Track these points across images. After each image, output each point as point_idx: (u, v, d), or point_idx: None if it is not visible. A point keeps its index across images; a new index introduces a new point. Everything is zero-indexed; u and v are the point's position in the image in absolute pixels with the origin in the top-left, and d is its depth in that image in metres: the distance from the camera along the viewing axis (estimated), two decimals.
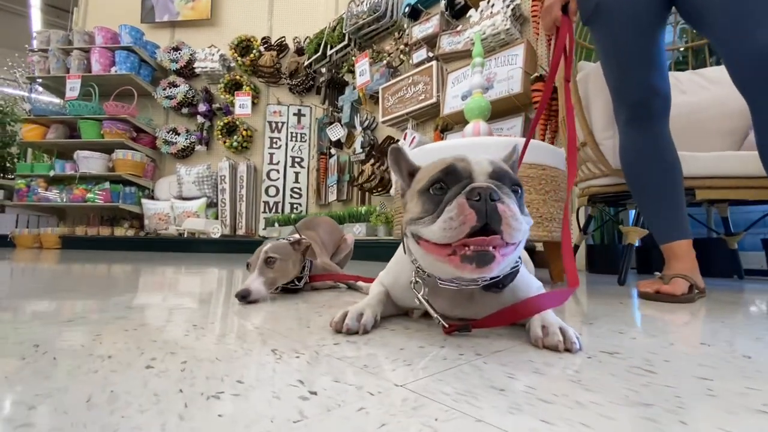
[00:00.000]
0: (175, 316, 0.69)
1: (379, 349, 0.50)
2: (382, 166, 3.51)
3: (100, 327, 0.60)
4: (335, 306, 0.83)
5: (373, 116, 3.87)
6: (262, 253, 0.89)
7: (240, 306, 0.79)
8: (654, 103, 1.18)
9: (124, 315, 0.70)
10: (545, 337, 0.52)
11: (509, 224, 0.49)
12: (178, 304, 0.81)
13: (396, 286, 0.70)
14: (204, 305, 0.80)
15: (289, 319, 0.67)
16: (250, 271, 0.90)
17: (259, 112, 4.74)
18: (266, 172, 4.65)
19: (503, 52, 2.74)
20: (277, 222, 4.19)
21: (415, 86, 3.25)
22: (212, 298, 0.91)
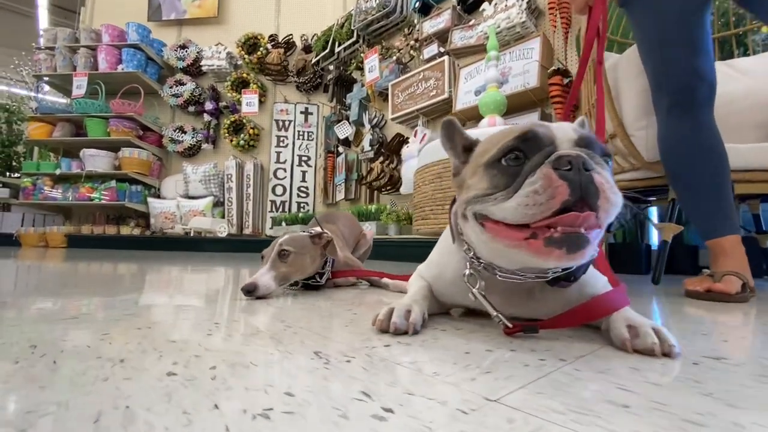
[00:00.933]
0: (190, 314, 0.61)
1: (440, 352, 0.41)
2: (391, 164, 3.43)
3: (108, 325, 0.52)
4: (365, 303, 0.75)
5: (381, 113, 3.79)
6: (277, 245, 0.81)
7: (259, 304, 0.71)
8: (699, 89, 1.09)
9: (133, 313, 0.62)
10: (634, 339, 0.44)
11: (608, 199, 0.40)
12: (191, 302, 0.74)
13: (441, 281, 0.61)
14: (218, 304, 0.72)
15: (321, 317, 0.59)
16: (262, 263, 0.82)
17: (266, 111, 4.67)
18: (273, 170, 4.57)
19: (518, 46, 2.65)
20: (285, 221, 4.11)
21: (426, 82, 3.17)
22: (225, 296, 0.83)
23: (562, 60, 2.52)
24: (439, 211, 1.29)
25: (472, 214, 0.49)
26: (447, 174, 1.26)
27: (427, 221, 1.32)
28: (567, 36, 2.52)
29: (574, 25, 2.53)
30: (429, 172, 1.34)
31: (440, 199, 1.29)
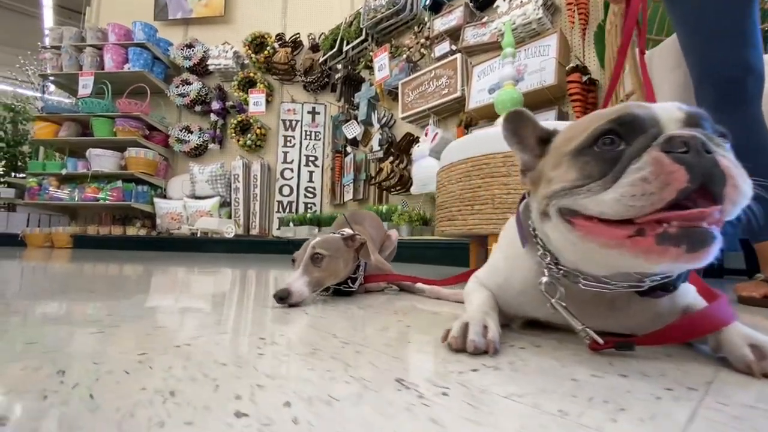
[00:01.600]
0: (226, 326, 0.54)
1: (541, 379, 0.35)
2: (401, 164, 3.37)
3: (140, 341, 0.45)
4: (409, 312, 0.68)
5: (390, 113, 3.72)
6: (309, 248, 0.74)
7: (294, 312, 0.65)
8: (748, 82, 1.02)
9: (162, 324, 0.55)
10: (762, 362, 0.37)
11: (737, 187, 0.34)
12: (220, 309, 0.67)
13: (507, 290, 0.55)
14: (251, 312, 0.66)
15: (375, 330, 0.53)
16: (294, 267, 0.75)
17: (272, 110, 4.61)
18: (280, 171, 4.51)
19: (534, 43, 2.58)
20: (293, 222, 4.05)
21: (437, 80, 3.11)
22: (253, 302, 0.76)
23: (579, 57, 2.45)
24: (467, 211, 1.22)
25: (556, 211, 0.42)
26: (476, 172, 1.20)
27: (454, 222, 1.25)
28: (585, 33, 2.45)
29: (591, 22, 2.46)
30: (456, 170, 1.27)
31: (469, 198, 1.22)
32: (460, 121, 3.00)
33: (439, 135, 3.02)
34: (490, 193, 1.17)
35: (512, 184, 1.13)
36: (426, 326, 0.55)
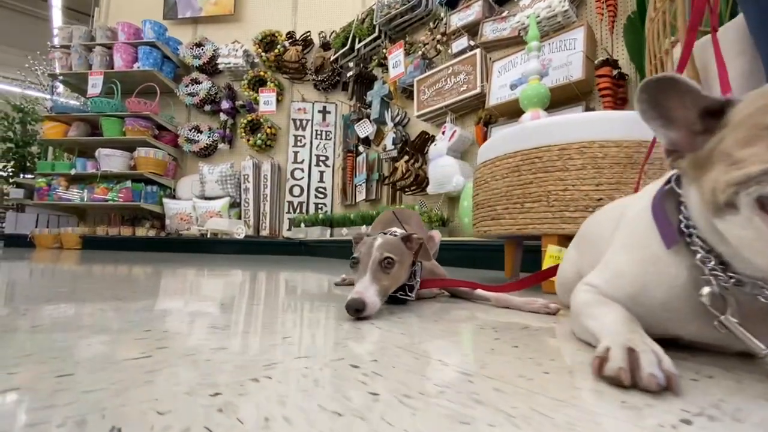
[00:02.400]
0: (299, 347, 0.43)
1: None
2: (416, 163, 3.26)
3: (196, 367, 0.35)
4: (497, 327, 0.57)
5: (404, 111, 3.62)
6: (375, 250, 0.64)
7: (368, 327, 0.54)
8: None
9: (220, 345, 0.44)
10: None
11: None
12: (285, 328, 0.56)
13: (644, 301, 0.43)
14: (323, 329, 0.55)
15: (482, 353, 0.42)
16: (355, 271, 0.64)
17: (283, 110, 4.51)
18: (290, 171, 4.41)
19: (558, 37, 2.47)
20: (304, 222, 3.95)
21: (455, 77, 3.00)
22: (314, 312, 0.66)
23: (608, 51, 2.34)
24: (516, 210, 1.11)
25: (752, 201, 0.31)
26: (527, 167, 1.09)
27: (499, 222, 1.14)
28: (613, 26, 2.34)
29: (620, 14, 2.35)
30: (501, 165, 1.16)
31: (518, 196, 1.11)
32: (478, 119, 2.89)
33: (458, 133, 2.92)
34: (543, 190, 1.06)
35: (569, 180, 1.03)
36: (537, 346, 0.45)
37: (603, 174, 1.00)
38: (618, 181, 0.99)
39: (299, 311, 0.64)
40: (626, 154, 0.99)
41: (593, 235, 0.63)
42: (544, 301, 0.70)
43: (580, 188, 1.01)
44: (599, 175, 1.00)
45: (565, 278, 0.74)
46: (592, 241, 0.63)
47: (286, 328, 0.51)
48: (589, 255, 0.64)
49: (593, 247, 0.62)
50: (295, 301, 0.75)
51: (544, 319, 0.62)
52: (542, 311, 0.69)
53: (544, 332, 0.53)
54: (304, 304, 0.72)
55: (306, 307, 0.68)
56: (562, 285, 0.74)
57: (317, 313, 0.62)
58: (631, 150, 0.99)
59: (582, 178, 1.01)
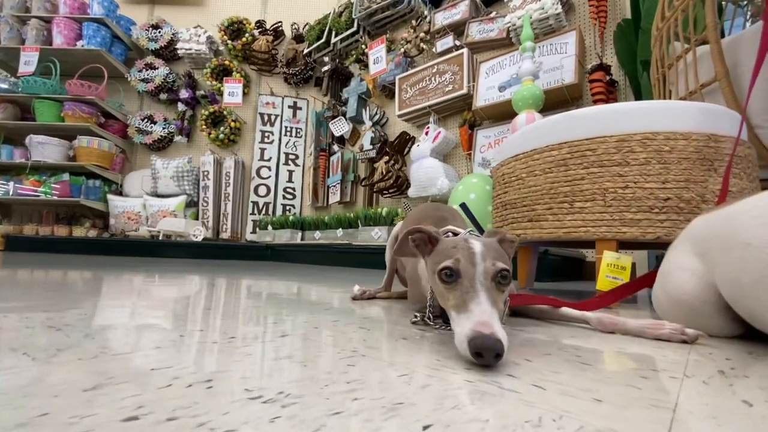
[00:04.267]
0: (415, 412, 0.20)
1: None
2: (396, 165, 3.06)
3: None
4: (637, 359, 0.37)
5: (383, 110, 3.42)
6: (481, 258, 0.41)
7: (501, 379, 0.32)
8: None
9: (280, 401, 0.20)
10: None
11: None
12: (397, 389, 0.32)
13: None
14: (431, 380, 0.32)
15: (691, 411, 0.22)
16: (450, 289, 0.41)
17: (249, 103, 4.14)
18: (256, 169, 4.05)
19: (549, 40, 2.40)
20: (271, 224, 3.61)
21: (441, 76, 2.85)
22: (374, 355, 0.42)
23: (600, 56, 2.29)
24: (563, 210, 0.93)
25: None
26: (576, 161, 0.92)
27: (540, 224, 0.96)
28: (603, 32, 2.30)
29: (610, 21, 2.32)
30: (540, 159, 0.98)
31: (566, 194, 0.94)
32: (463, 121, 2.76)
33: (442, 134, 2.76)
34: (599, 187, 0.89)
35: (630, 176, 0.86)
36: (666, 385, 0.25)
37: (670, 170, 0.84)
38: (687, 179, 0.84)
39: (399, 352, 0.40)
40: (695, 148, 0.85)
41: (761, 242, 0.45)
42: (675, 325, 0.51)
43: (644, 186, 0.85)
44: (666, 171, 0.85)
45: (683, 293, 0.56)
46: (754, 248, 0.45)
47: (395, 382, 0.27)
48: (748, 270, 0.46)
49: (758, 260, 0.45)
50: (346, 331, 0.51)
51: (679, 351, 0.43)
52: (675, 339, 0.50)
53: (701, 367, 0.34)
54: (350, 335, 0.47)
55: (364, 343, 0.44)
56: (678, 303, 0.56)
57: (375, 354, 0.38)
58: (700, 144, 0.85)
59: (646, 174, 0.85)
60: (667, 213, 0.84)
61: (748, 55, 1.20)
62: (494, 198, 1.21)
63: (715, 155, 0.85)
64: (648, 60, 1.94)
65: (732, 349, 0.47)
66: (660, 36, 1.53)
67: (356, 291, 0.84)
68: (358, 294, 0.83)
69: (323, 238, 3.20)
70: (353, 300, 0.83)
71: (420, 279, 0.62)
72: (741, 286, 0.48)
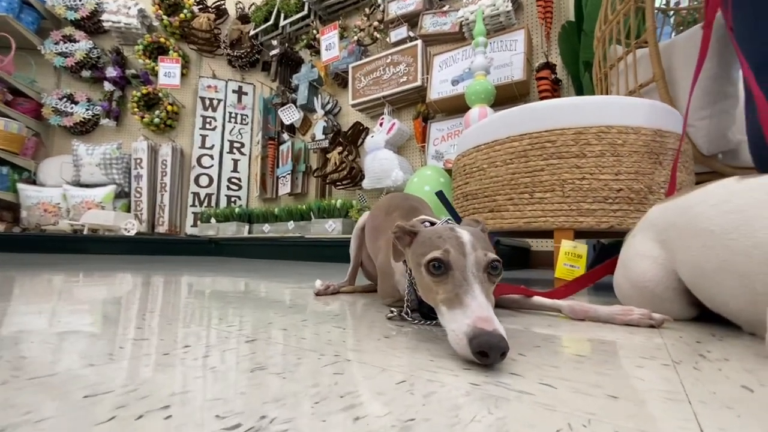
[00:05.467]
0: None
1: None
2: (350, 156, 3.00)
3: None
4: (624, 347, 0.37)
5: (335, 99, 3.33)
6: (471, 248, 0.38)
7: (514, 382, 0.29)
8: None
9: None
10: None
11: None
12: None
13: None
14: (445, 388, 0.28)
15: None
16: (438, 282, 0.38)
17: (188, 86, 3.82)
18: (197, 157, 3.76)
19: (500, 37, 2.46)
20: (215, 217, 3.38)
21: (395, 67, 2.82)
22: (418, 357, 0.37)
23: (546, 55, 2.39)
24: (523, 201, 0.95)
25: None
26: (536, 152, 0.93)
27: (501, 214, 0.97)
28: (549, 32, 2.40)
29: (555, 22, 2.43)
30: (502, 149, 0.99)
31: (526, 184, 0.95)
32: (417, 113, 2.76)
33: (397, 126, 2.75)
34: (558, 178, 0.91)
35: (586, 167, 0.89)
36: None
37: (622, 162, 0.89)
38: (637, 171, 0.89)
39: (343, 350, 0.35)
40: (644, 142, 0.90)
41: (723, 229, 0.47)
42: (643, 310, 0.52)
43: (599, 177, 0.89)
44: (618, 163, 0.89)
45: (645, 279, 0.58)
46: (717, 235, 0.47)
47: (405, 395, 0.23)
48: (711, 256, 0.48)
49: (721, 246, 0.47)
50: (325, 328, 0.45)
51: (651, 336, 0.44)
52: (643, 324, 0.51)
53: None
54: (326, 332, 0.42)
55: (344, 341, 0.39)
56: (641, 289, 0.58)
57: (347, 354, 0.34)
58: (648, 138, 0.90)
59: (601, 166, 0.89)
60: (619, 203, 0.88)
61: (681, 59, 1.30)
62: (455, 189, 1.20)
63: (661, 149, 0.90)
64: (589, 60, 2.06)
65: (696, 332, 0.49)
66: (603, 38, 1.61)
67: (319, 286, 0.79)
68: (321, 289, 0.78)
69: (273, 231, 3.06)
70: (317, 296, 0.77)
71: (393, 272, 0.59)
72: (704, 271, 0.50)
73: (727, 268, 0.46)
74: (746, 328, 0.48)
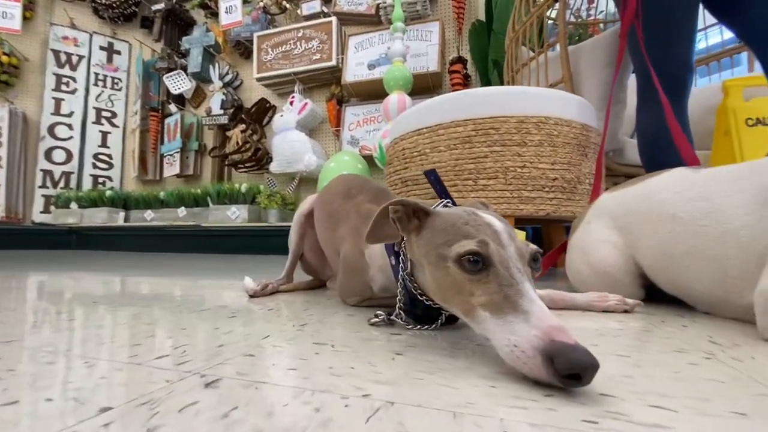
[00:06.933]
0: None
1: None
2: (254, 135, 2.71)
3: None
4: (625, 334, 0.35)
5: (236, 71, 2.96)
6: (508, 237, 0.31)
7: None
8: (690, 80, 1.12)
9: None
10: None
11: None
12: None
13: None
14: None
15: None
16: (474, 278, 0.29)
17: (34, 33, 2.98)
18: (47, 126, 2.98)
19: (416, 26, 2.47)
20: (77, 201, 2.74)
21: (307, 42, 2.61)
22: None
23: (458, 49, 2.47)
24: (467, 187, 0.93)
25: None
26: (480, 138, 0.92)
27: None
28: (461, 27, 2.48)
29: (467, 18, 2.51)
30: (448, 134, 0.96)
31: (470, 171, 0.93)
32: (331, 95, 2.62)
33: (309, 106, 2.56)
34: (501, 165, 0.91)
35: (527, 156, 0.91)
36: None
37: (557, 153, 0.92)
38: (569, 162, 0.93)
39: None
40: (575, 135, 0.95)
41: (692, 216, 0.49)
42: (617, 296, 0.53)
43: (538, 166, 0.91)
44: (554, 153, 0.92)
45: (607, 265, 0.60)
46: (686, 222, 0.50)
47: None
48: (680, 242, 0.50)
49: (690, 232, 0.49)
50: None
51: (635, 321, 0.44)
52: (619, 309, 0.52)
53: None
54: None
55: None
56: (603, 274, 0.60)
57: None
58: (578, 131, 0.95)
59: (540, 155, 0.91)
60: (555, 192, 0.92)
61: (585, 63, 1.44)
62: (390, 174, 1.13)
63: (587, 142, 0.97)
64: (497, 59, 2.19)
65: (662, 315, 0.51)
66: (516, 38, 1.69)
67: (252, 286, 0.64)
68: (258, 289, 0.63)
69: (159, 218, 2.60)
70: (251, 297, 0.62)
71: (367, 266, 0.49)
72: (669, 255, 0.52)
73: (696, 253, 0.49)
74: (702, 308, 0.52)
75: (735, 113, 1.29)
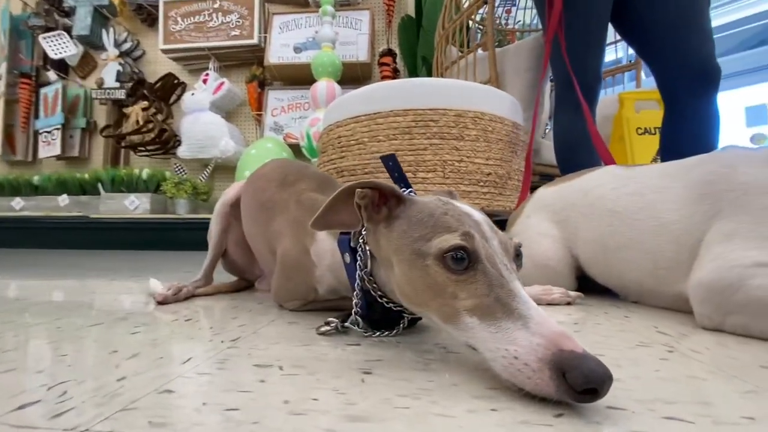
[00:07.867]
0: None
1: None
2: (159, 114, 2.37)
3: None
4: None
5: (136, 39, 2.57)
6: (490, 230, 0.28)
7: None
8: (598, 89, 1.23)
9: None
10: None
11: None
12: None
13: None
14: None
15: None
16: (456, 277, 0.25)
17: None
18: None
19: (346, 12, 2.38)
20: None
21: (225, 16, 2.36)
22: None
23: (388, 42, 2.44)
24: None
25: None
26: (420, 130, 0.90)
27: None
28: (391, 21, 2.46)
29: (396, 13, 2.49)
30: (387, 124, 0.92)
31: (410, 162, 0.90)
32: (252, 76, 2.41)
33: (226, 86, 2.33)
34: (440, 159, 0.90)
35: (464, 150, 0.91)
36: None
37: (491, 148, 0.94)
38: (501, 158, 0.96)
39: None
40: (506, 132, 0.97)
41: (628, 211, 0.52)
42: (561, 289, 0.53)
43: (474, 161, 0.92)
44: (488, 149, 0.94)
45: (548, 258, 0.61)
46: (623, 216, 0.52)
47: None
48: (616, 234, 0.53)
49: (627, 225, 0.51)
50: None
51: (590, 313, 0.45)
52: (563, 302, 0.52)
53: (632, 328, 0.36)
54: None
55: None
56: (544, 267, 0.61)
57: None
58: (509, 129, 0.98)
59: (476, 150, 0.92)
60: (488, 186, 0.93)
61: (510, 66, 1.51)
62: (325, 163, 1.06)
63: (516, 140, 1.00)
64: (426, 56, 2.21)
65: (600, 306, 0.53)
66: (446, 36, 1.72)
67: (161, 290, 0.52)
68: (169, 294, 0.52)
69: (31, 208, 2.15)
70: (160, 304, 0.51)
71: (313, 265, 0.42)
72: (606, 247, 0.54)
73: (631, 246, 0.51)
74: (631, 298, 0.55)
75: (628, 122, 1.46)
